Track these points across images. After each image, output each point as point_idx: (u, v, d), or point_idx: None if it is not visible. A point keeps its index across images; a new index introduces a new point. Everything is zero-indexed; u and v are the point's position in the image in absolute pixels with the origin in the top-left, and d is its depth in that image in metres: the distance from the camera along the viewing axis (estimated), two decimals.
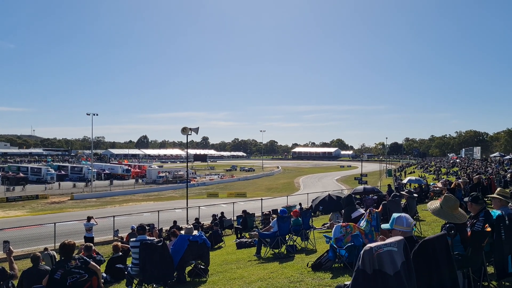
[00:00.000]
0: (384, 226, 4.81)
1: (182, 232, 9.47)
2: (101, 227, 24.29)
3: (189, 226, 9.73)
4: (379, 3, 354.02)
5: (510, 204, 7.75)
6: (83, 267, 5.70)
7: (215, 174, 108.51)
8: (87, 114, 73.49)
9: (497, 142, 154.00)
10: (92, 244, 9.67)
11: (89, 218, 19.03)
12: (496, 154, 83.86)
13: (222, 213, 25.22)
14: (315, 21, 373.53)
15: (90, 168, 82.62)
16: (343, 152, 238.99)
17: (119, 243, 10.03)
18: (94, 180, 76.43)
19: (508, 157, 67.12)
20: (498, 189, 7.23)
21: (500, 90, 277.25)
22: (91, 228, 18.77)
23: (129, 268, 8.44)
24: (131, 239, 8.92)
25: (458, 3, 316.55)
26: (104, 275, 9.37)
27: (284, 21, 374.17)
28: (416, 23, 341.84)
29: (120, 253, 9.61)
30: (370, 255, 3.28)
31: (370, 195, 22.04)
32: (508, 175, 31.51)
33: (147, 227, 8.87)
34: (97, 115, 74.88)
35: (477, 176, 17.84)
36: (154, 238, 8.98)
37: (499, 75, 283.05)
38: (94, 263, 6.24)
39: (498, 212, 6.27)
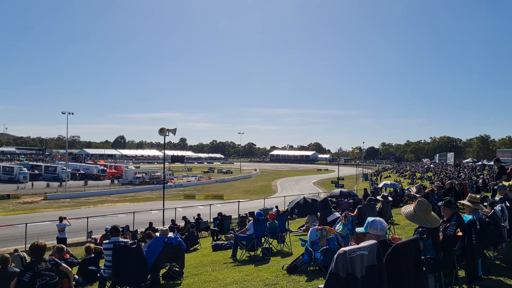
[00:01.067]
0: (359, 229, 4.87)
1: (157, 234, 9.36)
2: (74, 228, 23.84)
3: (164, 228, 9.63)
4: (355, 11, 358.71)
5: (484, 209, 7.97)
6: (53, 269, 5.57)
7: (193, 176, 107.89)
8: (63, 113, 72.07)
9: (470, 149, 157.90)
10: (64, 246, 9.47)
11: (61, 219, 18.64)
12: (469, 160, 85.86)
13: (198, 215, 25.07)
14: (295, 26, 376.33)
15: (65, 168, 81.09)
16: (320, 156, 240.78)
17: (92, 245, 9.85)
18: (68, 180, 75.01)
19: (480, 163, 68.77)
20: (469, 195, 7.40)
21: (473, 99, 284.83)
22: (64, 229, 18.40)
23: (102, 270, 8.29)
24: (104, 241, 8.77)
25: (433, 13, 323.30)
26: (76, 277, 9.19)
27: (264, 24, 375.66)
28: (392, 31, 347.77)
29: (93, 255, 9.43)
30: (344, 259, 3.31)
31: (346, 199, 22.27)
32: (480, 181, 32.31)
33: (120, 229, 8.71)
34: (72, 114, 73.50)
35: (449, 182, 18.24)
36: (128, 240, 8.84)
37: (473, 84, 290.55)
38: (65, 265, 6.10)
39: (469, 217, 6.41)
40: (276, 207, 27.49)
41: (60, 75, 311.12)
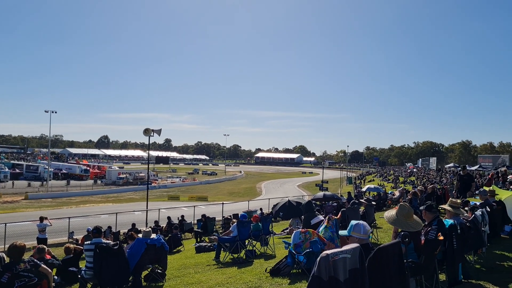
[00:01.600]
0: (342, 232, 4.90)
1: (140, 235, 9.27)
2: (55, 228, 23.49)
3: (147, 229, 9.52)
4: (342, 15, 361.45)
5: (464, 214, 8.09)
6: (32, 270, 5.48)
7: (177, 177, 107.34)
8: (45, 112, 70.92)
9: (452, 154, 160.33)
10: (45, 246, 9.28)
11: (42, 219, 18.33)
12: (451, 165, 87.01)
13: (182, 216, 24.93)
14: (282, 29, 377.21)
15: (47, 167, 79.88)
16: (305, 159, 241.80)
17: (71, 245, 9.69)
18: (50, 180, 73.87)
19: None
20: (450, 199, 7.51)
21: (456, 105, 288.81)
22: (45, 229, 18.10)
23: (82, 271, 8.17)
24: (86, 242, 8.65)
25: (418, 19, 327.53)
26: (56, 277, 9.03)
27: (251, 27, 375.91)
28: (378, 37, 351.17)
29: (72, 255, 9.30)
30: (326, 262, 3.32)
31: (330, 202, 22.37)
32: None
33: (102, 230, 8.59)
34: (55, 112, 72.28)
35: (431, 186, 18.48)
36: (110, 241, 8.73)
37: (456, 91, 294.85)
38: (45, 266, 6.00)
39: (450, 221, 6.49)
40: (261, 209, 27.51)
41: (44, 73, 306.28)
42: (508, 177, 22.52)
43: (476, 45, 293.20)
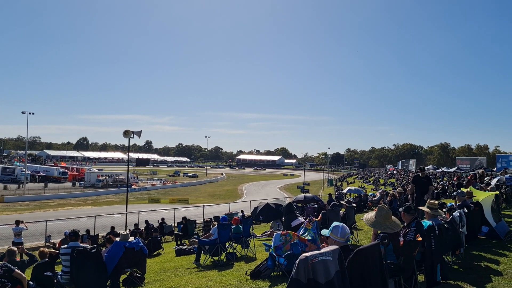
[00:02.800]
0: (324, 232, 4.90)
1: (118, 238, 9.11)
2: (32, 232, 22.95)
3: (125, 233, 9.37)
4: (322, 18, 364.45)
5: (442, 215, 8.17)
6: (6, 276, 5.33)
7: (158, 179, 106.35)
8: (22, 113, 69.35)
9: (431, 156, 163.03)
10: (15, 249, 9.05)
11: (18, 222, 17.91)
12: (430, 166, 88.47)
13: (162, 219, 24.68)
14: (262, 31, 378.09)
15: (24, 169, 78.27)
16: (286, 161, 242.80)
17: (46, 249, 9.45)
18: (27, 183, 72.32)
19: (440, 170, 71.00)
20: (428, 201, 7.58)
21: (435, 108, 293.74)
22: (20, 233, 17.68)
23: (59, 276, 7.99)
24: (62, 246, 8.46)
25: (397, 24, 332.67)
26: (31, 283, 8.79)
27: (231, 29, 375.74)
28: (358, 41, 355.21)
29: (47, 259, 9.07)
30: (305, 264, 3.28)
31: (311, 204, 22.44)
32: (440, 187, 33.26)
33: (80, 234, 8.42)
34: (33, 114, 70.89)
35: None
36: (87, 245, 8.56)
37: (435, 94, 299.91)
38: (19, 271, 5.85)
39: (429, 222, 6.55)
40: (242, 211, 27.44)
41: (21, 74, 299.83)
42: (485, 179, 22.92)
43: (454, 50, 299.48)
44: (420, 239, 5.58)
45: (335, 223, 4.60)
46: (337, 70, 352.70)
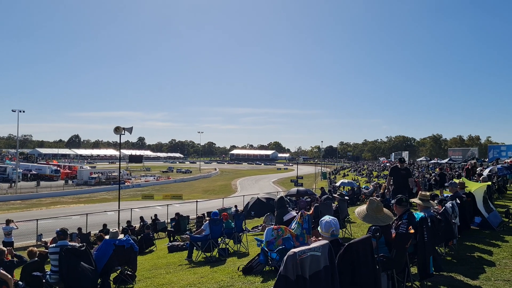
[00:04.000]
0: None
1: (107, 236, 8.98)
2: (24, 231, 22.76)
3: (114, 230, 9.23)
4: (313, 10, 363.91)
5: (435, 206, 8.12)
6: None
7: (151, 176, 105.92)
8: (13, 111, 68.68)
9: (423, 147, 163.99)
10: (4, 248, 8.88)
11: (8, 222, 17.64)
12: (422, 158, 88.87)
13: (155, 215, 24.53)
14: (253, 24, 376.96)
15: (15, 168, 77.59)
16: (280, 155, 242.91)
17: (34, 248, 9.31)
18: (19, 181, 71.70)
19: (432, 161, 71.37)
20: (419, 193, 7.51)
21: (427, 99, 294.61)
22: (11, 232, 17.43)
23: (47, 275, 7.85)
24: (51, 245, 8.31)
25: (389, 13, 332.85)
26: (20, 283, 8.65)
27: (222, 22, 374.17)
28: (350, 32, 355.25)
29: (36, 259, 8.92)
30: (294, 261, 3.18)
31: (304, 197, 22.39)
32: (433, 179, 33.37)
33: (68, 232, 8.26)
34: (23, 112, 70.16)
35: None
36: (76, 244, 8.41)
37: (427, 86, 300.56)
38: (4, 272, 5.71)
39: (421, 214, 6.47)
40: (235, 206, 27.34)
41: (11, 71, 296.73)
42: (477, 170, 22.98)
43: (446, 41, 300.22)
44: (412, 231, 5.50)
45: (325, 217, 4.51)
46: (329, 63, 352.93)
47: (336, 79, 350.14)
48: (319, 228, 4.33)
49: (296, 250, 3.24)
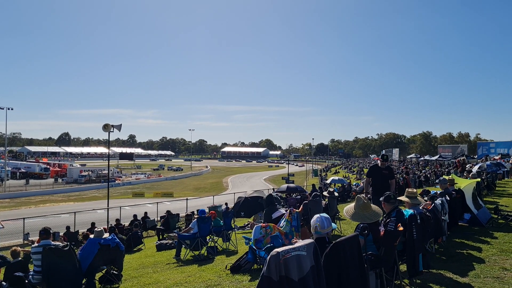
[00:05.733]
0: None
1: (92, 235, 8.80)
2: (11, 230, 22.45)
3: (99, 229, 9.04)
4: (303, 7, 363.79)
5: (422, 203, 8.05)
6: None
7: (142, 173, 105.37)
8: (1, 108, 68.00)
9: (413, 144, 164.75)
10: None
11: None
12: (412, 155, 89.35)
13: (145, 213, 24.31)
14: (244, 21, 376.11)
15: (4, 166, 76.79)
16: (271, 152, 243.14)
17: (18, 248, 9.11)
18: (8, 179, 70.93)
19: (423, 158, 71.71)
20: (407, 190, 7.41)
21: (417, 96, 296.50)
22: None
23: (30, 276, 7.67)
24: (33, 245, 8.12)
25: (381, 9, 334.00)
26: (4, 283, 8.46)
27: (213, 20, 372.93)
28: (340, 29, 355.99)
29: (20, 259, 8.73)
30: (277, 261, 3.06)
31: (293, 195, 22.31)
32: (423, 176, 33.53)
33: (51, 231, 8.07)
34: (12, 109, 69.51)
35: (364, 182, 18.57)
36: (59, 243, 8.23)
37: (417, 82, 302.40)
38: None
39: (410, 211, 6.39)
40: (226, 204, 27.19)
41: (0, 69, 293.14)
42: (466, 166, 23.09)
43: (436, 38, 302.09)
44: (401, 228, 5.41)
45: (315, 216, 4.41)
46: (320, 61, 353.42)
47: (327, 76, 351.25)
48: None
49: (279, 250, 3.12)
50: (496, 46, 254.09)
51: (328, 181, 39.69)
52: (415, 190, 7.36)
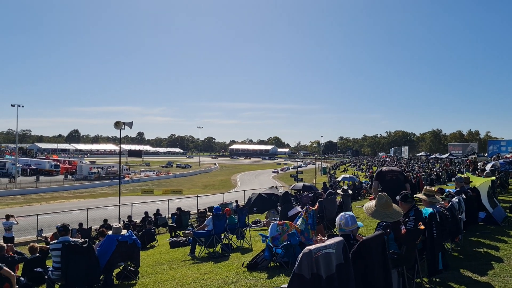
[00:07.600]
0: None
1: (110, 232, 8.87)
2: (24, 226, 22.68)
3: (117, 226, 9.13)
4: (314, 5, 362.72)
5: (440, 202, 8.02)
6: None
7: (151, 171, 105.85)
8: (12, 106, 68.64)
9: (423, 142, 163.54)
10: (4, 245, 8.78)
11: (8, 217, 17.54)
12: (422, 153, 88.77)
13: (157, 210, 24.45)
14: (253, 19, 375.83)
15: (15, 163, 77.45)
16: (279, 150, 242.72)
17: (36, 244, 9.23)
18: (18, 176, 71.58)
19: (432, 156, 71.27)
20: (425, 188, 7.37)
21: (426, 94, 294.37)
22: (11, 227, 17.33)
23: (49, 271, 7.75)
24: (52, 241, 8.22)
25: (390, 8, 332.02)
26: (22, 279, 8.57)
27: (220, 18, 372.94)
28: (349, 27, 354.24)
29: (38, 255, 8.84)
30: (309, 258, 3.08)
31: (305, 193, 22.28)
32: (434, 174, 33.31)
33: (70, 228, 8.15)
34: (22, 106, 70.07)
35: (406, 174, 18.50)
36: (78, 239, 8.31)
37: (426, 80, 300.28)
38: (7, 269, 5.62)
39: (430, 209, 6.36)
40: (236, 201, 27.24)
41: (10, 66, 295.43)
42: (478, 164, 22.93)
43: (445, 36, 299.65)
44: (422, 227, 5.40)
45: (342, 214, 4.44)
46: (329, 59, 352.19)
47: (335, 74, 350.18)
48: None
49: (311, 247, 3.14)
50: (506, 44, 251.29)
51: (338, 179, 39.58)
52: (433, 188, 7.33)
